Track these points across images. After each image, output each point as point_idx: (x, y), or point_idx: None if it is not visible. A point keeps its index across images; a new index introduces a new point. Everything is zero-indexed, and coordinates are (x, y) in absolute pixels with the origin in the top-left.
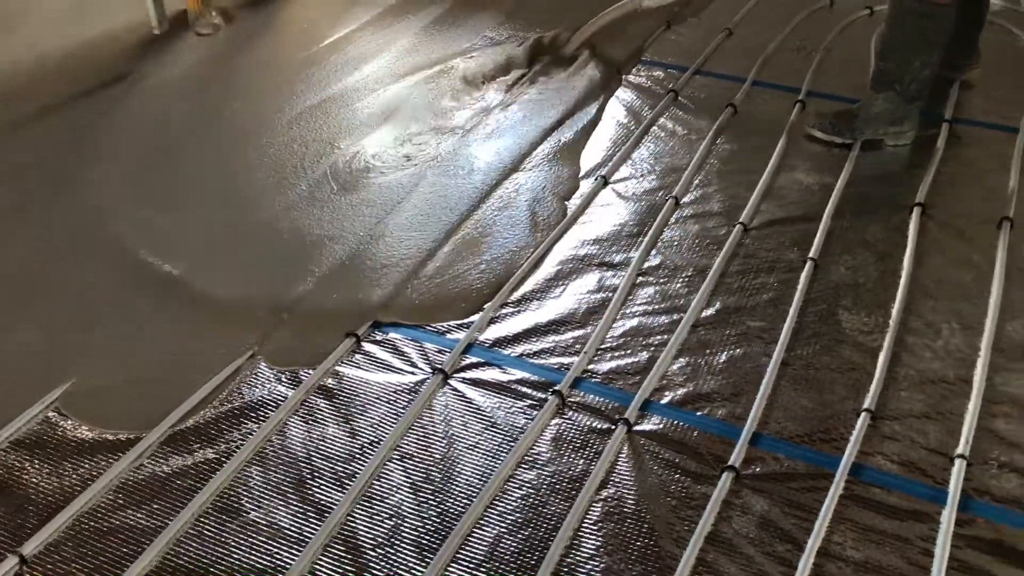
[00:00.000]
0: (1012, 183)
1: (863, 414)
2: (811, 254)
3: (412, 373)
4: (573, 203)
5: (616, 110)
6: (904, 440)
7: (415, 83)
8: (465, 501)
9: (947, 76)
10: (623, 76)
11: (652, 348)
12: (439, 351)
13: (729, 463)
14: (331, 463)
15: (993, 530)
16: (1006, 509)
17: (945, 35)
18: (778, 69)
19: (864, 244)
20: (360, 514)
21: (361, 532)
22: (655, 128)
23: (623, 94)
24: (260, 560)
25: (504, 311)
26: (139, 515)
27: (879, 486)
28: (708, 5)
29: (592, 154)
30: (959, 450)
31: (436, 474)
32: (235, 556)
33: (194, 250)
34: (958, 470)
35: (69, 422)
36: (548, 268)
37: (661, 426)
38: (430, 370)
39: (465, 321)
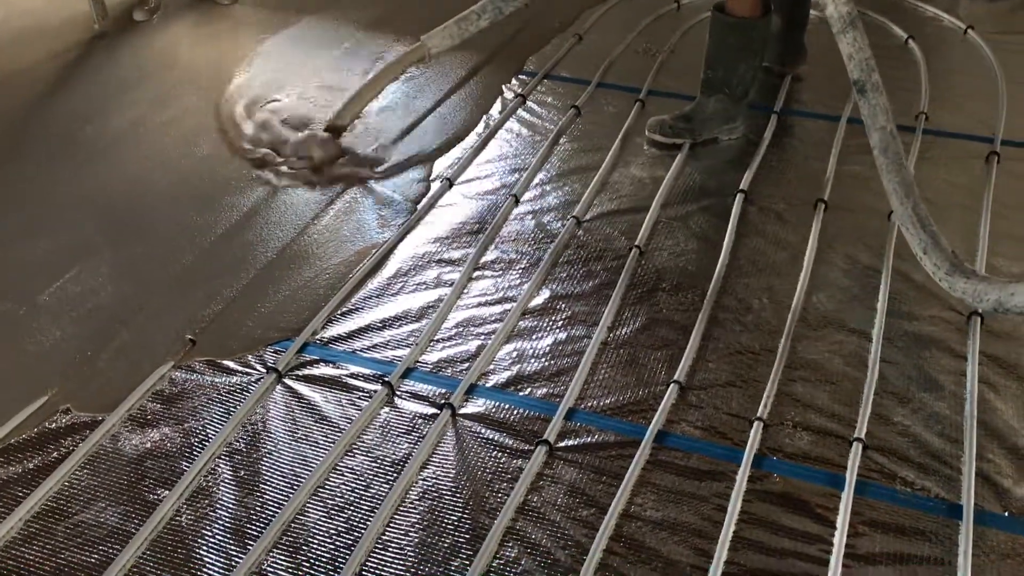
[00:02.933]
0: (829, 168)
1: (672, 385)
2: (637, 242)
3: (247, 374)
4: (417, 204)
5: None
6: (708, 407)
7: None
8: (288, 490)
9: (777, 71)
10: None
11: (482, 336)
12: (275, 351)
13: (543, 438)
14: (162, 462)
15: (783, 484)
16: (796, 464)
17: (763, 42)
18: (622, 71)
19: (688, 230)
20: (186, 509)
21: (185, 526)
22: (502, 131)
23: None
24: (86, 558)
25: (343, 309)
26: None
27: (682, 450)
28: (571, 23)
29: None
30: (758, 413)
31: (263, 467)
32: (62, 556)
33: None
34: (755, 431)
35: None
36: (390, 268)
37: (484, 408)
38: (264, 370)
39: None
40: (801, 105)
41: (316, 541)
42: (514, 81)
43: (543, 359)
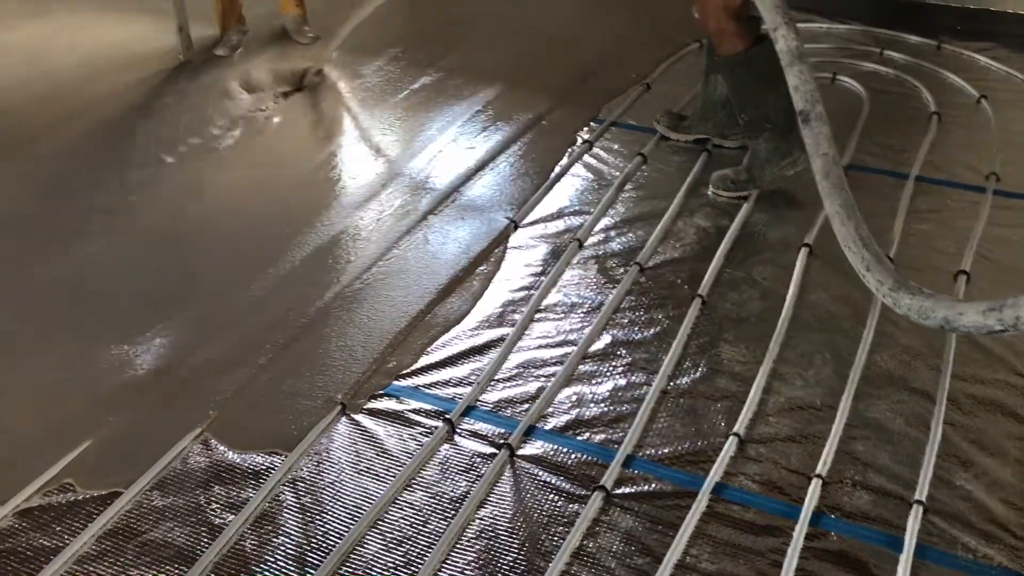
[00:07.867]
0: (896, 225)
1: (731, 438)
2: (699, 291)
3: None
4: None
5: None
6: (767, 462)
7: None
8: (349, 521)
9: (715, 142)
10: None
11: (542, 379)
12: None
13: (600, 483)
14: (227, 488)
15: (841, 543)
16: (854, 524)
17: (775, 64)
18: None
19: (751, 282)
20: (250, 534)
21: (248, 550)
22: (568, 176)
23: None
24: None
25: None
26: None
27: (739, 504)
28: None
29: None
30: (817, 470)
31: (325, 497)
32: (131, 573)
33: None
34: (814, 488)
35: None
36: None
37: (542, 451)
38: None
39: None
40: (870, 161)
41: (374, 574)
42: (585, 129)
43: (602, 404)
